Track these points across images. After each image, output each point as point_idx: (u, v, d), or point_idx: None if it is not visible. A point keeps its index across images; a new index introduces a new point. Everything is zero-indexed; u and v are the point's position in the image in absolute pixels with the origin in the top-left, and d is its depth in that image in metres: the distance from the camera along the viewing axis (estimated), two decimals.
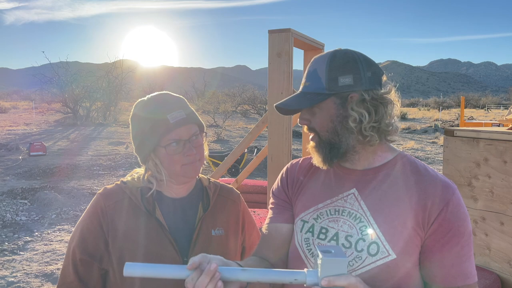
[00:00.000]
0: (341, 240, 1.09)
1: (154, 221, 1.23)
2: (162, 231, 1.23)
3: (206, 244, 1.26)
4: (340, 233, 1.09)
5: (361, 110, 1.05)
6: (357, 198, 1.11)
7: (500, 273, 2.62)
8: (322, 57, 1.11)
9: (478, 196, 2.69)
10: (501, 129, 2.86)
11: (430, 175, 1.10)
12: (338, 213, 1.12)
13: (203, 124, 1.31)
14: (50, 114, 29.55)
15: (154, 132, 1.21)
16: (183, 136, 1.22)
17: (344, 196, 1.13)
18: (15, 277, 4.20)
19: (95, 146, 14.55)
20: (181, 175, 1.24)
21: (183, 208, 1.30)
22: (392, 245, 1.03)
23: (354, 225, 1.08)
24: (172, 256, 1.22)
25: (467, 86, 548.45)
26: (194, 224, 1.28)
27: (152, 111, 1.23)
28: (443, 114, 35.73)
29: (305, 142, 3.72)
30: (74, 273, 1.24)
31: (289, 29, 2.88)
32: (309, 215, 1.16)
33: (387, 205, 1.07)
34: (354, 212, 1.10)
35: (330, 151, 1.10)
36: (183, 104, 1.27)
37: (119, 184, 1.30)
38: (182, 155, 1.21)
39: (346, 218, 1.10)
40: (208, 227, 1.29)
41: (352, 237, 1.07)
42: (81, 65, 49.49)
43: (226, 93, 43.20)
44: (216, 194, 1.36)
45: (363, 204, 1.09)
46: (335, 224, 1.11)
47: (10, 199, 6.80)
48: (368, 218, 1.07)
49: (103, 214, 1.24)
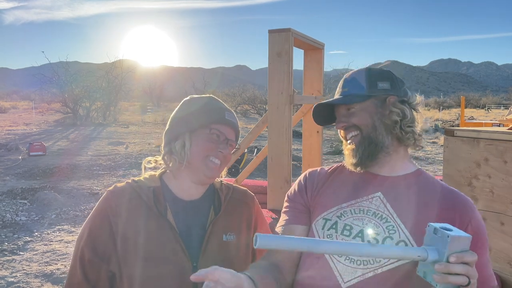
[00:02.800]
0: (367, 238, 1.08)
1: (165, 223, 1.19)
2: (172, 234, 1.19)
3: (217, 250, 1.22)
4: (366, 230, 1.10)
5: (402, 106, 1.14)
6: (383, 201, 1.12)
7: (500, 273, 2.61)
8: (359, 70, 1.21)
9: (478, 196, 2.69)
10: (502, 129, 2.85)
11: (452, 190, 1.16)
12: (363, 212, 1.12)
13: (238, 140, 1.35)
14: (50, 114, 29.52)
15: (209, 115, 1.25)
16: (227, 134, 1.26)
17: (369, 198, 1.14)
18: (15, 277, 4.19)
19: (95, 146, 14.54)
20: (201, 169, 1.22)
21: (195, 211, 1.26)
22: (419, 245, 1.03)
23: (381, 224, 1.09)
24: (182, 260, 1.18)
25: (468, 86, 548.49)
26: (205, 228, 1.24)
27: (211, 102, 1.29)
28: (443, 114, 35.73)
29: (305, 142, 3.72)
30: (81, 274, 1.19)
31: (289, 29, 2.88)
32: (332, 213, 1.15)
33: (414, 210, 1.09)
34: (380, 213, 1.10)
35: (368, 147, 1.13)
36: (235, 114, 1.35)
37: (130, 183, 1.25)
38: (215, 146, 1.23)
39: (372, 217, 1.10)
40: (219, 232, 1.25)
41: (379, 235, 1.08)
42: (80, 65, 49.44)
43: (226, 93, 43.21)
44: (229, 197, 1.33)
45: (389, 207, 1.11)
46: (360, 222, 1.11)
47: (9, 199, 6.80)
48: (395, 220, 1.08)
49: (113, 213, 1.19)
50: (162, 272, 1.16)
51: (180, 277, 1.17)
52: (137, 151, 13.02)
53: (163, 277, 1.16)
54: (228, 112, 1.29)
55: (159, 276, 1.16)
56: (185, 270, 1.17)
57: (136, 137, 17.05)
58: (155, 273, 1.16)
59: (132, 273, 1.16)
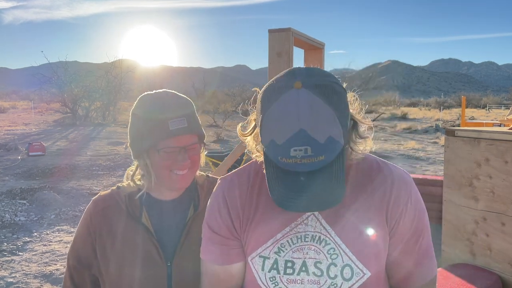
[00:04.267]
0: (311, 269, 0.97)
1: (141, 226, 1.21)
2: (147, 235, 1.21)
3: (195, 247, 1.17)
4: (308, 261, 0.97)
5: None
6: (318, 218, 0.98)
7: (501, 273, 2.60)
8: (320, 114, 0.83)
9: (479, 197, 2.68)
10: (502, 129, 2.84)
11: (384, 173, 1.01)
12: (301, 240, 0.98)
13: (204, 134, 1.26)
14: (49, 114, 29.51)
15: (152, 133, 1.16)
16: (180, 144, 1.18)
17: (303, 219, 0.99)
18: (14, 277, 4.18)
19: (94, 146, 14.53)
20: (168, 183, 1.21)
21: (174, 210, 1.26)
22: (364, 263, 0.96)
23: (321, 249, 0.97)
24: (156, 261, 1.19)
25: (468, 86, 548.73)
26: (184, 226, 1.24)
27: (154, 112, 1.17)
28: (444, 114, 35.73)
29: None
30: (70, 280, 1.27)
31: (289, 29, 2.87)
32: (269, 250, 0.99)
33: (350, 217, 0.97)
34: (317, 234, 0.97)
35: None
36: (187, 111, 1.21)
37: (114, 189, 1.29)
38: (173, 161, 1.18)
39: (311, 243, 0.97)
40: (199, 229, 1.19)
41: (322, 263, 0.97)
42: (80, 64, 49.53)
43: (226, 93, 43.19)
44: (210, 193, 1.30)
45: (324, 223, 0.98)
46: (300, 253, 0.98)
47: (9, 200, 6.79)
48: (334, 239, 0.97)
49: (91, 220, 1.24)
50: (137, 274, 1.19)
51: (154, 278, 1.19)
52: None
53: (138, 278, 1.19)
54: (173, 118, 1.16)
55: (135, 278, 1.19)
56: (160, 270, 1.20)
57: None
58: (130, 275, 1.19)
59: (109, 275, 1.21)
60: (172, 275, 1.20)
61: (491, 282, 2.54)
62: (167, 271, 1.20)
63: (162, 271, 1.19)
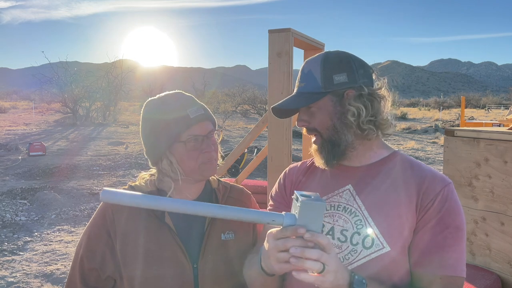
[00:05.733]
0: (337, 235, 1.10)
1: (164, 226, 1.20)
2: (171, 236, 1.20)
3: (216, 249, 1.22)
4: (336, 227, 1.11)
5: (358, 105, 1.09)
6: (352, 194, 1.13)
7: (500, 273, 2.61)
8: (315, 58, 1.15)
9: (479, 196, 2.69)
10: (502, 129, 2.85)
11: (425, 169, 1.12)
12: (334, 208, 1.13)
13: (216, 121, 1.30)
14: (50, 114, 29.53)
15: (173, 127, 1.17)
16: (202, 132, 1.20)
17: (339, 192, 1.15)
18: (15, 277, 4.19)
19: (95, 146, 14.55)
20: (199, 173, 1.21)
21: None
22: (386, 238, 1.05)
23: (349, 219, 1.10)
24: (181, 261, 1.19)
25: (468, 86, 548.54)
26: (204, 229, 1.24)
27: (171, 107, 1.20)
28: (443, 114, 35.74)
29: (305, 142, 3.71)
30: (81, 283, 1.21)
31: (289, 29, 2.88)
32: None
33: (382, 199, 1.09)
34: (349, 207, 1.11)
35: (331, 149, 1.12)
36: (198, 101, 1.27)
37: (127, 189, 1.25)
38: (200, 151, 1.20)
39: (341, 213, 1.12)
40: (218, 232, 1.25)
41: (348, 231, 1.09)
42: (80, 65, 49.55)
43: (226, 93, 43.21)
44: (226, 196, 1.33)
45: (358, 199, 1.11)
46: (331, 219, 1.12)
47: (9, 199, 6.80)
48: (363, 212, 1.09)
49: (110, 220, 1.20)
50: (162, 273, 1.17)
51: (180, 278, 1.18)
52: (137, 151, 13.01)
53: (164, 278, 1.17)
54: (191, 107, 1.21)
55: (160, 277, 1.17)
56: (185, 271, 1.18)
57: (136, 137, 17.03)
58: (155, 274, 1.17)
59: (132, 275, 1.17)
60: (199, 276, 1.19)
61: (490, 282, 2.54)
62: (193, 273, 1.19)
63: (189, 272, 1.19)
